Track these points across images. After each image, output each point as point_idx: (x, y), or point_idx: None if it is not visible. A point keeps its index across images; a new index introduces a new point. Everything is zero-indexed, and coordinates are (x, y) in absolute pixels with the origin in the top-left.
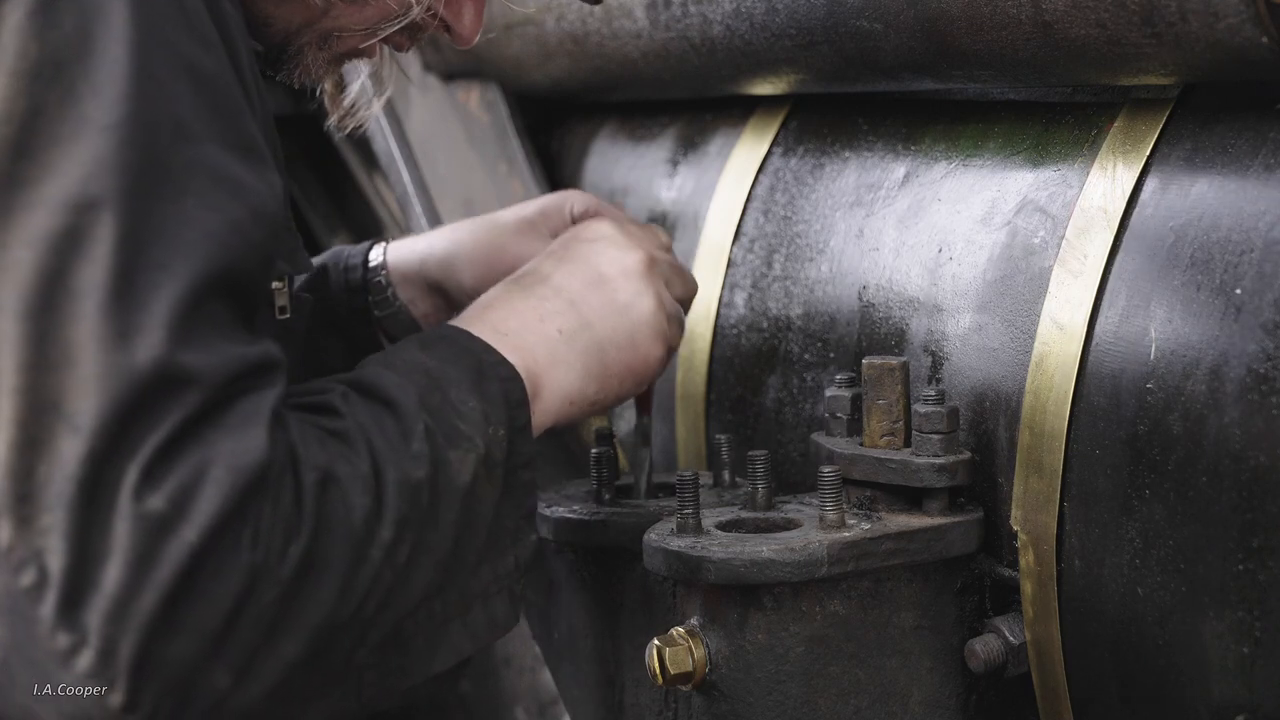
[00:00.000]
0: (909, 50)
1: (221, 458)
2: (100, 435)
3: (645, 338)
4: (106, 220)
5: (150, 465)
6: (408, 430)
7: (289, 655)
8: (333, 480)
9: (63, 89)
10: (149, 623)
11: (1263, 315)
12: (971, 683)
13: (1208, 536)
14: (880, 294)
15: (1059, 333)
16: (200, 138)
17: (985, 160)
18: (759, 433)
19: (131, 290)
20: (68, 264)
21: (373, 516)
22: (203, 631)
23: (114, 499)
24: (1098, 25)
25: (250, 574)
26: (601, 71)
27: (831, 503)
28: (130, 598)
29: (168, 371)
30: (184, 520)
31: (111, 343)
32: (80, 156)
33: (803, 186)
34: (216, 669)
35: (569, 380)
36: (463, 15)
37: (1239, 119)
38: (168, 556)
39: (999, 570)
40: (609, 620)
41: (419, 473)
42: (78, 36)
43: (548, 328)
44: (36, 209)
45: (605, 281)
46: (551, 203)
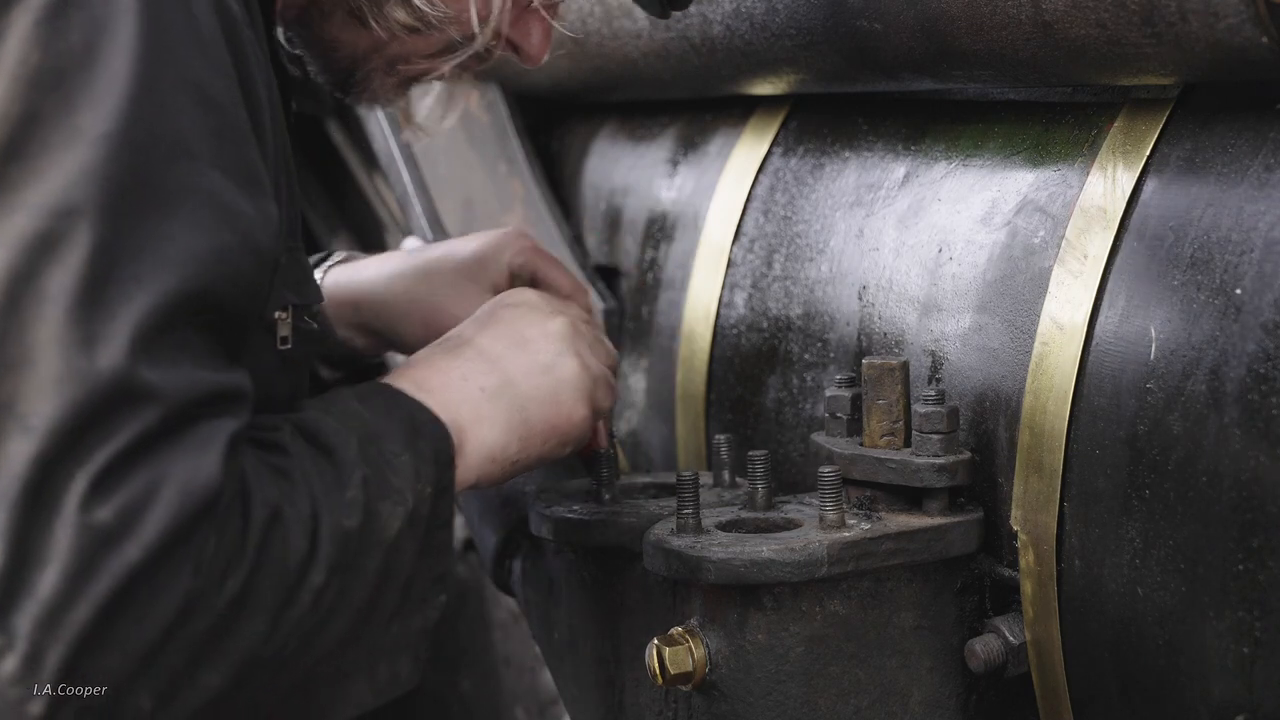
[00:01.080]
0: (909, 50)
1: (174, 478)
2: (52, 439)
3: (568, 397)
4: (84, 228)
5: (101, 476)
6: (345, 478)
7: (211, 686)
8: (279, 519)
9: (61, 98)
10: (79, 634)
11: (1263, 315)
12: (971, 683)
13: (1208, 536)
14: (880, 294)
15: (1059, 333)
16: (199, 160)
17: (985, 160)
18: (759, 433)
19: (100, 299)
20: (39, 267)
21: (307, 560)
22: (132, 651)
23: (59, 505)
24: (1098, 25)
25: (187, 599)
26: (601, 71)
27: (831, 503)
28: (64, 607)
29: (127, 383)
30: (129, 536)
31: (73, 348)
32: (68, 164)
33: (803, 186)
34: (140, 691)
35: (491, 437)
36: (531, 35)
37: (1239, 119)
38: (108, 570)
39: (999, 570)
40: (609, 620)
41: (351, 521)
42: (83, 48)
43: (470, 385)
44: (18, 211)
45: (528, 343)
46: (489, 250)
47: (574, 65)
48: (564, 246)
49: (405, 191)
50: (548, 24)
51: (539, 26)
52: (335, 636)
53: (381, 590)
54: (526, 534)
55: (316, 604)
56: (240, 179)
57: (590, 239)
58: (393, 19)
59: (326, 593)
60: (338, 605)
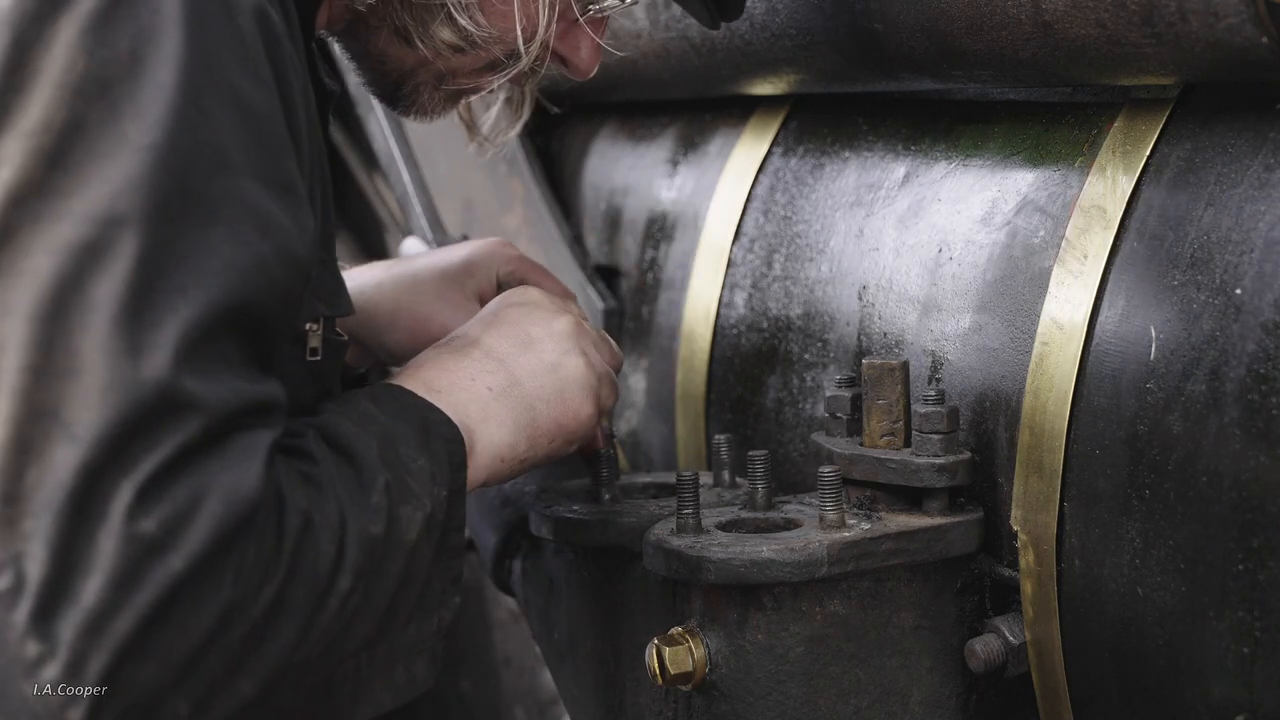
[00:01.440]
0: (909, 50)
1: (217, 489)
2: (98, 447)
3: (574, 394)
4: (130, 238)
5: (146, 486)
6: (368, 484)
7: (245, 693)
8: (310, 527)
9: (106, 106)
10: (122, 644)
11: (1263, 315)
12: (971, 683)
13: (1208, 536)
14: (880, 294)
15: (1059, 333)
16: (239, 170)
17: (985, 160)
18: (759, 433)
19: (146, 309)
20: (86, 275)
21: (335, 566)
22: (173, 660)
23: (105, 514)
24: (1098, 25)
25: (227, 609)
26: (601, 71)
27: (831, 503)
28: (108, 616)
29: (172, 393)
30: (173, 547)
31: (119, 357)
32: (113, 174)
33: (803, 186)
34: (178, 699)
35: (500, 436)
36: (580, 48)
37: (1239, 119)
38: (152, 580)
39: (999, 570)
40: (609, 620)
41: (376, 527)
42: (129, 58)
43: (478, 386)
44: (64, 220)
45: (533, 342)
46: (475, 258)
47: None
48: (564, 246)
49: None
50: (596, 38)
51: (587, 40)
52: (358, 640)
53: (401, 593)
54: (526, 534)
55: (343, 609)
56: (277, 189)
57: (590, 239)
58: (438, 38)
59: (352, 598)
60: (362, 609)
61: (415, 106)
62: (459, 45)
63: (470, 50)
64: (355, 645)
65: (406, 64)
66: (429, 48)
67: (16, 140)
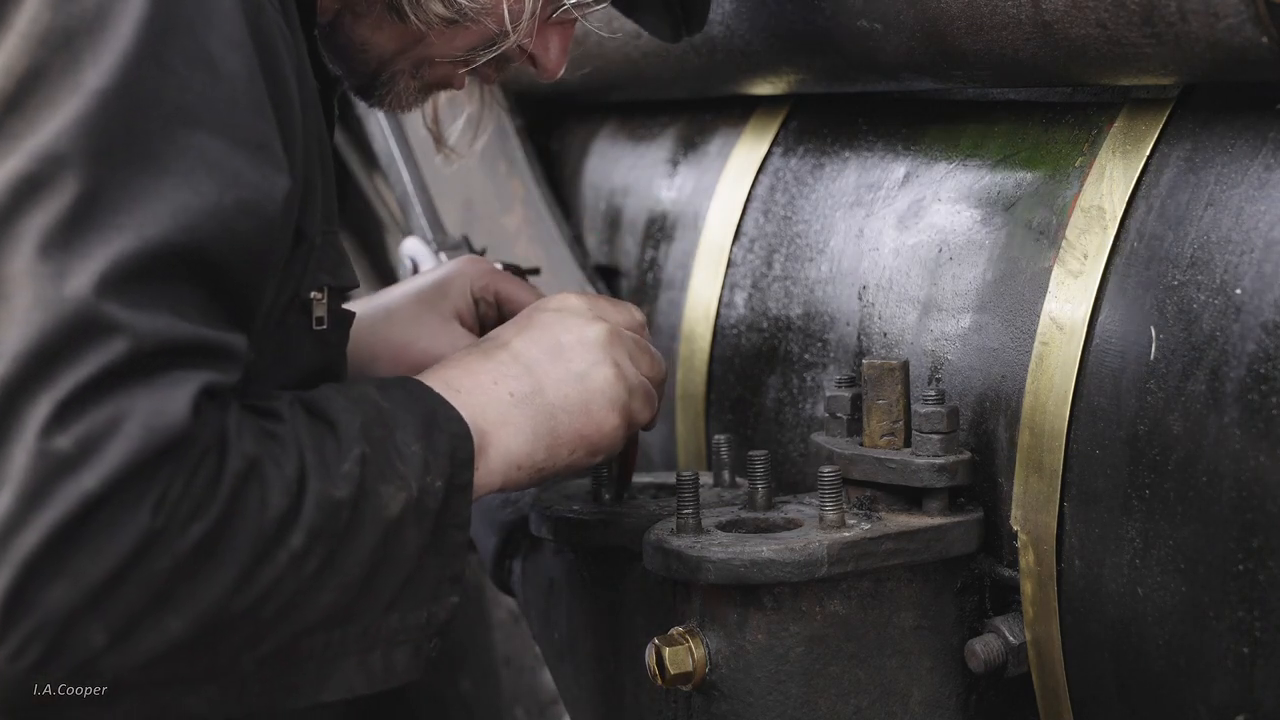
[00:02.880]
0: (909, 50)
1: (138, 414)
2: (17, 363)
3: (599, 406)
4: (70, 175)
5: (64, 403)
6: (342, 451)
7: (172, 632)
8: (256, 473)
9: (68, 57)
10: (28, 559)
11: (1263, 315)
12: (971, 683)
13: (1208, 536)
14: (880, 294)
15: (1059, 332)
16: (203, 125)
17: (985, 160)
18: (759, 433)
19: (76, 239)
20: (22, 207)
21: (286, 519)
22: (83, 582)
23: (19, 429)
24: (1098, 25)
25: (146, 537)
26: (601, 71)
27: (831, 503)
28: (14, 530)
29: (93, 314)
30: (86, 465)
31: (43, 280)
32: (63, 116)
33: (803, 186)
34: (92, 625)
35: (517, 443)
36: (549, 48)
37: (1239, 119)
38: (61, 497)
39: (999, 570)
40: (609, 620)
41: (342, 492)
42: (94, 13)
43: (499, 390)
44: (12, 156)
45: (563, 350)
46: (447, 278)
47: (574, 65)
48: (564, 246)
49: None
50: (566, 39)
51: (557, 41)
52: (322, 608)
53: (378, 572)
54: (526, 534)
55: (297, 568)
56: (248, 149)
57: (590, 239)
58: (430, 11)
59: (308, 558)
60: (324, 575)
61: (391, 95)
62: (451, 18)
63: (460, 24)
64: (319, 614)
65: (388, 50)
66: (421, 21)
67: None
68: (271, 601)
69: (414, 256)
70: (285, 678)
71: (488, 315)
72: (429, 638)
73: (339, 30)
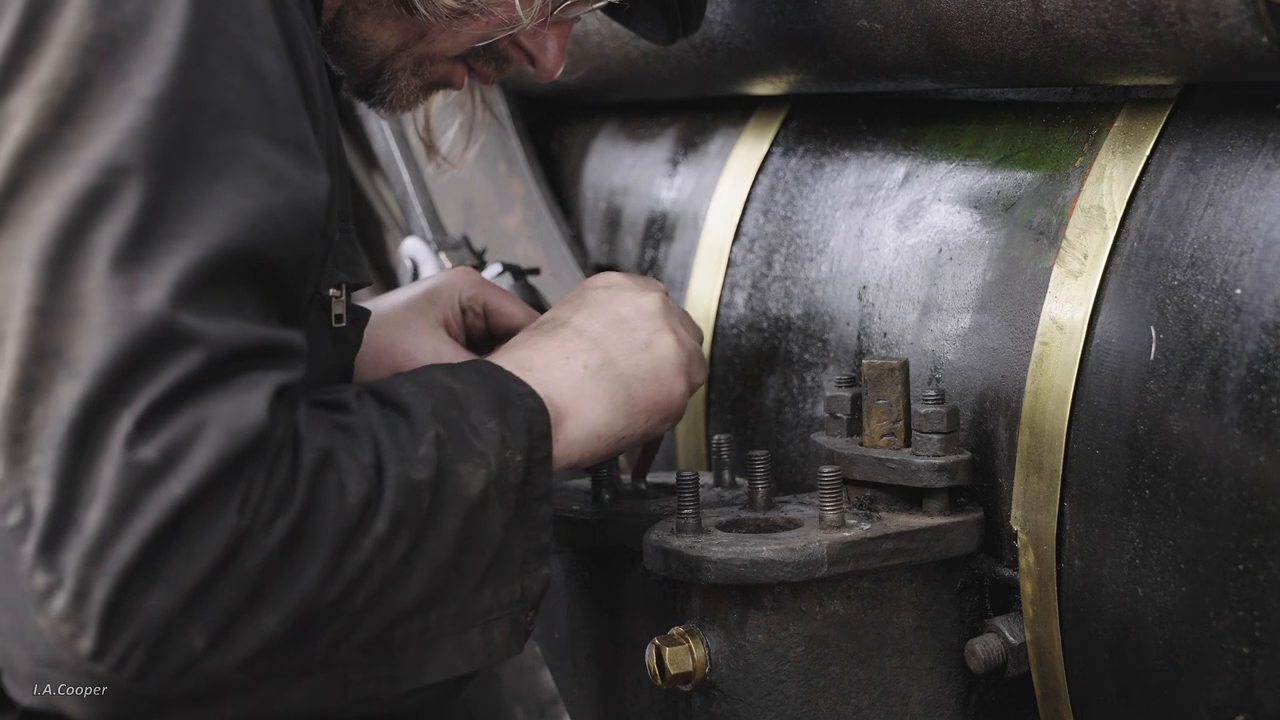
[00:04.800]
0: (909, 50)
1: (219, 418)
2: (97, 381)
3: (668, 373)
4: (133, 185)
5: (145, 416)
6: (417, 435)
7: (268, 628)
8: (331, 463)
9: (114, 65)
10: (125, 569)
11: (1263, 315)
12: (971, 683)
13: (1208, 536)
14: (880, 294)
15: (1059, 333)
16: (246, 127)
17: (985, 160)
18: (759, 433)
19: (145, 252)
20: (89, 221)
21: (368, 506)
22: (179, 587)
23: (105, 444)
24: (1098, 25)
25: (235, 537)
26: (601, 71)
27: (831, 503)
28: (108, 542)
29: (169, 326)
30: (173, 473)
31: (118, 295)
32: (118, 125)
33: (803, 186)
34: (191, 628)
35: (596, 414)
36: (547, 48)
37: (1239, 119)
38: (151, 506)
39: (999, 570)
40: (609, 620)
41: (421, 474)
42: (136, 19)
43: (573, 364)
44: (71, 169)
45: (624, 321)
46: (438, 286)
47: (574, 65)
48: (564, 246)
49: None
50: (564, 39)
51: (555, 41)
52: (414, 593)
53: (466, 552)
54: None
55: (383, 553)
56: (290, 148)
57: (590, 239)
58: (440, 3)
59: (394, 543)
60: (412, 559)
61: (391, 94)
62: (460, 9)
63: (470, 17)
64: (412, 599)
65: (390, 47)
66: (430, 13)
67: (28, 96)
68: (362, 589)
69: (414, 256)
70: (385, 665)
71: (474, 326)
72: (524, 611)
73: (340, 28)
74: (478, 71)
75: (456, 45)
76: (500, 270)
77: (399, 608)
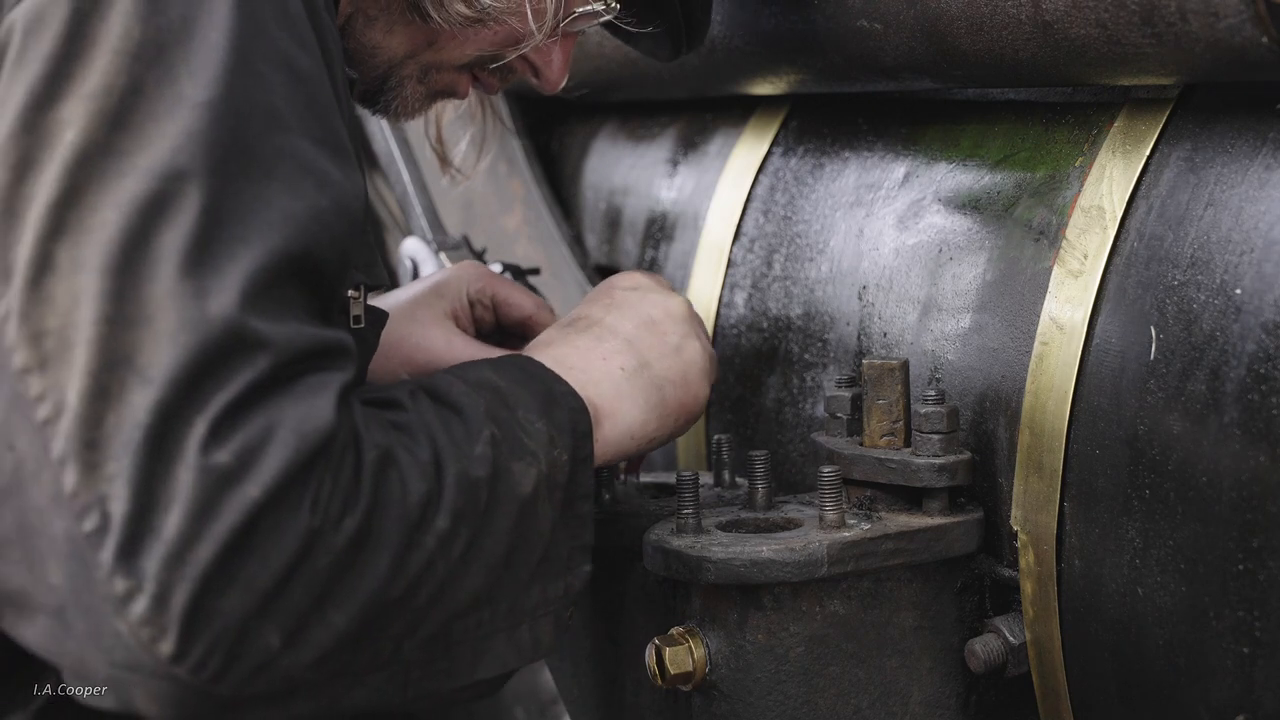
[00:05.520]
0: (909, 50)
1: (289, 421)
2: (171, 387)
3: (695, 377)
4: (192, 190)
5: (218, 421)
6: (472, 433)
7: (338, 625)
8: (392, 461)
9: (162, 70)
10: (204, 573)
11: (1263, 315)
12: (971, 683)
13: (1208, 536)
14: (880, 294)
15: (1059, 333)
16: (292, 129)
17: (985, 160)
18: (759, 433)
19: (209, 257)
20: (151, 227)
21: (429, 503)
22: (256, 588)
23: (180, 450)
24: (1098, 25)
25: (307, 537)
26: (601, 71)
27: (831, 503)
28: (188, 546)
29: (238, 332)
30: (248, 476)
31: (186, 301)
32: (172, 131)
33: (803, 186)
34: (267, 628)
35: (632, 415)
36: (552, 61)
37: (1239, 119)
38: (229, 509)
39: (999, 570)
40: (609, 620)
41: (479, 472)
42: (181, 24)
43: (611, 365)
44: (128, 176)
45: (655, 324)
46: (446, 279)
47: (574, 65)
48: (564, 246)
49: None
50: (568, 51)
51: (560, 54)
52: (471, 589)
53: (518, 549)
54: None
55: (444, 550)
56: (329, 148)
57: (590, 239)
58: (453, 11)
59: (454, 540)
60: (469, 556)
61: (397, 101)
62: (474, 17)
63: (483, 25)
64: (469, 595)
65: (398, 54)
66: (443, 20)
67: (79, 104)
68: (425, 587)
69: (414, 256)
70: (443, 661)
71: (483, 318)
72: (566, 607)
73: (349, 35)
74: (482, 81)
75: (464, 55)
76: (500, 270)
77: (457, 604)
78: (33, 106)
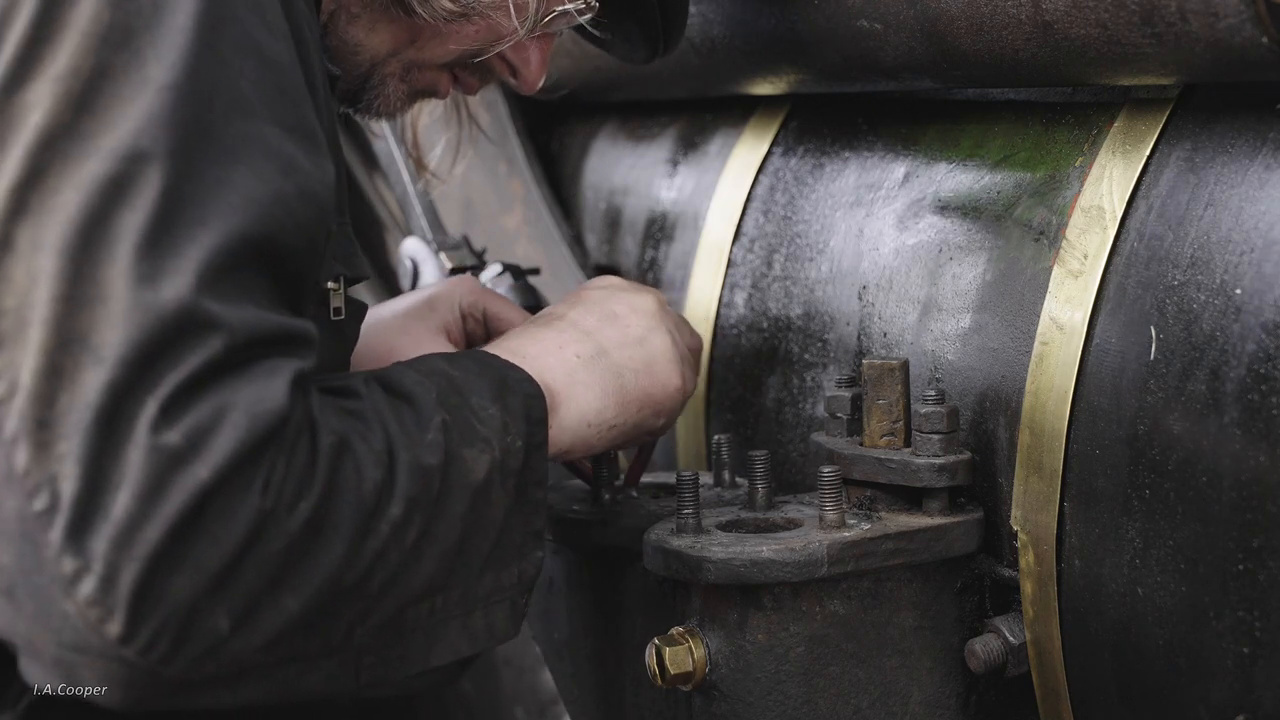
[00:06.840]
0: (909, 50)
1: (241, 403)
2: (122, 367)
3: (662, 367)
4: (153, 172)
5: (169, 401)
6: (423, 421)
7: (290, 610)
8: (348, 448)
9: (130, 53)
10: (153, 553)
11: (1263, 315)
12: (971, 683)
13: (1208, 536)
14: (880, 294)
15: (1059, 333)
16: (258, 114)
17: (985, 160)
18: (759, 433)
19: (167, 238)
20: (111, 208)
21: (383, 490)
22: (206, 570)
23: (130, 430)
24: (1098, 25)
25: (259, 520)
26: (601, 71)
27: (831, 503)
28: (136, 527)
29: (192, 313)
30: (198, 457)
31: (142, 282)
32: (136, 113)
33: (803, 186)
34: (217, 611)
35: (586, 400)
36: (529, 60)
37: (1239, 119)
38: (178, 490)
39: (999, 570)
40: (609, 620)
41: (431, 459)
42: (151, 8)
43: (565, 352)
44: (91, 157)
45: (619, 317)
46: (439, 293)
47: (574, 65)
48: (564, 246)
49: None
50: (545, 51)
51: (538, 54)
52: (424, 576)
53: (471, 536)
54: None
55: (398, 537)
56: (298, 135)
57: (590, 239)
58: (438, 5)
59: (408, 528)
60: (423, 543)
61: (379, 100)
62: (459, 12)
63: (467, 20)
64: (422, 582)
65: (380, 52)
66: (428, 15)
67: (46, 85)
68: (378, 573)
69: (414, 257)
70: (396, 648)
71: (475, 332)
72: (521, 594)
73: (332, 32)
74: (462, 82)
75: (446, 53)
76: (500, 270)
77: (410, 591)
78: (2, 90)
